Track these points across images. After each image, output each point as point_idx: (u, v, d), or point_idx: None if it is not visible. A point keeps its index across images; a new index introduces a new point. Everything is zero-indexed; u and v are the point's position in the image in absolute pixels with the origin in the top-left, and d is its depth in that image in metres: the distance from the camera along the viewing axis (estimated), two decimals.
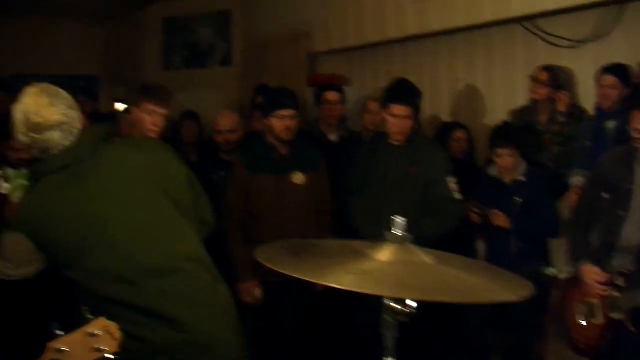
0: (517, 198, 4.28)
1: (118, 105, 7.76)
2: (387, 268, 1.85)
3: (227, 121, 4.77)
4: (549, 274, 4.23)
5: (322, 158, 4.25)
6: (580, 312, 3.61)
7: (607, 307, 3.45)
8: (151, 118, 3.65)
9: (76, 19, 9.14)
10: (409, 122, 4.04)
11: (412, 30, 5.97)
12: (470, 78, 5.83)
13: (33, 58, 8.91)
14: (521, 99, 5.12)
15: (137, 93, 3.76)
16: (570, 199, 4.31)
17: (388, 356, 1.93)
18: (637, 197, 3.43)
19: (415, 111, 4.07)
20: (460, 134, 5.13)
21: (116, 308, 2.38)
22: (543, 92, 4.76)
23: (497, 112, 5.41)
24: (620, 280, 3.40)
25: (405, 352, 2.00)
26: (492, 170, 4.45)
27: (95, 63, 9.63)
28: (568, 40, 4.95)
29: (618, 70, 4.33)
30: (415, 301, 1.84)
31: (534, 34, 5.16)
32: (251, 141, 4.53)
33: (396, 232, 1.94)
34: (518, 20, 5.18)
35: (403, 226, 1.94)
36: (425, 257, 1.92)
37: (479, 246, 4.65)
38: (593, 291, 3.49)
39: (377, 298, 1.81)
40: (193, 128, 5.60)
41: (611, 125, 4.33)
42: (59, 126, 2.42)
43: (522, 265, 3.88)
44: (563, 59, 4.98)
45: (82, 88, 6.43)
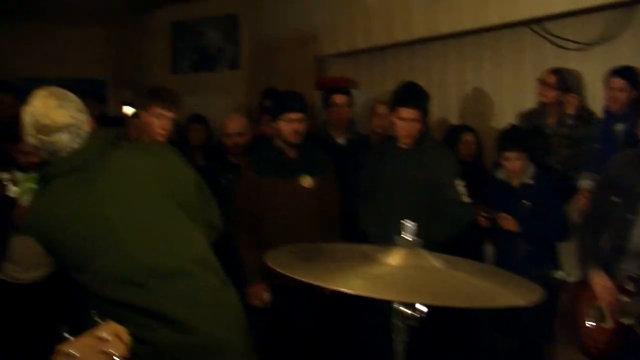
0: (526, 201, 4.26)
1: (126, 108, 7.77)
2: (397, 272, 1.84)
3: (236, 124, 4.78)
4: (558, 278, 4.21)
5: (330, 161, 4.25)
6: (589, 316, 3.59)
7: (617, 312, 3.43)
8: (159, 121, 3.66)
9: (84, 23, 9.14)
10: (418, 125, 4.04)
11: (420, 33, 5.97)
12: (478, 81, 5.82)
13: (41, 61, 8.90)
14: (529, 102, 5.10)
15: (145, 96, 3.78)
16: (578, 202, 4.30)
17: None
18: None
19: (423, 114, 4.06)
20: (468, 137, 5.12)
21: (124, 310, 2.38)
22: (551, 95, 4.76)
23: (505, 115, 5.40)
24: (630, 284, 3.37)
25: (413, 356, 1.99)
26: (500, 173, 4.43)
27: (103, 66, 9.62)
28: (576, 42, 4.94)
29: (626, 72, 4.33)
30: (425, 306, 1.83)
31: (542, 37, 5.16)
32: (259, 144, 4.53)
33: (406, 236, 1.93)
34: (526, 23, 5.17)
35: (413, 230, 1.93)
36: (435, 262, 1.91)
37: (487, 250, 4.64)
38: (602, 299, 3.47)
39: (387, 302, 1.81)
40: (201, 132, 5.61)
41: (620, 127, 4.33)
42: (68, 129, 2.44)
43: (531, 268, 3.86)
44: (571, 62, 4.98)
45: (90, 91, 6.42)
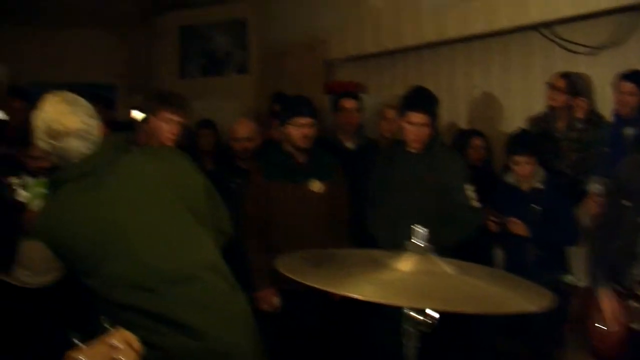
0: (535, 206, 4.24)
1: (135, 113, 7.78)
2: (408, 278, 1.84)
3: (245, 129, 4.78)
4: (568, 282, 4.19)
5: (339, 166, 4.24)
6: (600, 319, 3.57)
7: (627, 317, 3.40)
8: (168, 126, 3.67)
9: (92, 28, 9.17)
10: (427, 130, 4.03)
11: (429, 37, 5.97)
12: (487, 85, 5.81)
13: (50, 66, 8.91)
14: (538, 106, 5.09)
15: (154, 101, 3.79)
16: (588, 206, 4.28)
17: None
18: None
19: (432, 119, 4.05)
20: (478, 142, 5.11)
21: (133, 315, 2.39)
22: (560, 99, 4.74)
23: (514, 119, 5.39)
24: None
25: None
26: (510, 177, 4.42)
27: (112, 71, 9.64)
28: (585, 46, 4.93)
29: (636, 76, 4.31)
30: (436, 312, 1.82)
31: (551, 41, 5.15)
32: (268, 149, 4.54)
33: (417, 242, 1.92)
34: (535, 26, 5.16)
35: (424, 236, 1.93)
36: (446, 267, 1.91)
37: (497, 254, 4.62)
38: (610, 324, 3.39)
39: (397, 308, 1.80)
40: (210, 136, 5.62)
41: (629, 131, 4.31)
42: (78, 134, 2.45)
43: (541, 273, 3.84)
44: (580, 66, 4.97)
45: (100, 96, 6.44)
